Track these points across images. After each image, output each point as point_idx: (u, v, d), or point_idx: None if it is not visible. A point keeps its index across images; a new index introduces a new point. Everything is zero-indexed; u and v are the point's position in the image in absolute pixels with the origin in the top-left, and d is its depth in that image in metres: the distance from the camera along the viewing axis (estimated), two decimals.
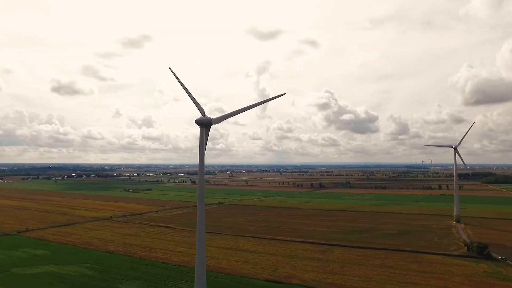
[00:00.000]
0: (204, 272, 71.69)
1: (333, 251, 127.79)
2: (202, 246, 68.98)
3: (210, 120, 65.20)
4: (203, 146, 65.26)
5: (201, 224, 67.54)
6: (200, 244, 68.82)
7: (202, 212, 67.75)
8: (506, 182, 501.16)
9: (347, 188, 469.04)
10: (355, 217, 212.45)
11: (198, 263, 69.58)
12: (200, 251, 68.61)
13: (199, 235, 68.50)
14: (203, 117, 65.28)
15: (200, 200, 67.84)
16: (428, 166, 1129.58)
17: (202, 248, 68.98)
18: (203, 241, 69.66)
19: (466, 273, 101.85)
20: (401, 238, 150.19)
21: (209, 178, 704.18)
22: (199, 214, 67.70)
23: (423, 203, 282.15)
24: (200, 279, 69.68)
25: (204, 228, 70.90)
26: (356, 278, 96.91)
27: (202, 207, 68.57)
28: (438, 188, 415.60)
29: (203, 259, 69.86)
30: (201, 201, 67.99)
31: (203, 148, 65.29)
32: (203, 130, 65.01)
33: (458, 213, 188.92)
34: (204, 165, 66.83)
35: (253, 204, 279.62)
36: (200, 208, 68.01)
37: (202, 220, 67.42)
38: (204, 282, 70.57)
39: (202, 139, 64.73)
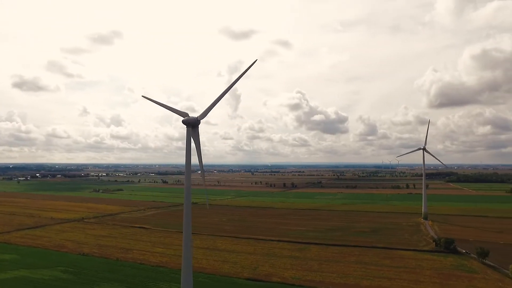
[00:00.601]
0: (191, 273, 71.80)
1: (310, 249, 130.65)
2: (189, 247, 69.09)
3: (196, 119, 65.56)
4: (190, 146, 65.51)
5: (188, 225, 67.76)
6: (186, 245, 68.90)
7: (188, 212, 67.97)
8: (466, 181, 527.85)
9: (319, 187, 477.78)
10: (328, 216, 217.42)
11: (184, 263, 69.63)
12: (186, 252, 68.71)
13: (186, 236, 68.66)
14: (189, 117, 65.45)
15: (187, 201, 68.03)
16: (395, 166, 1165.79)
17: (189, 249, 69.13)
18: (190, 241, 69.83)
19: (435, 267, 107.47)
20: (374, 235, 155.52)
21: (181, 178, 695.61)
22: (186, 214, 67.89)
23: (393, 201, 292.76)
24: (186, 279, 69.72)
25: (191, 228, 71.14)
26: (334, 275, 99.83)
27: (189, 207, 68.77)
28: (405, 187, 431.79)
29: (189, 259, 69.97)
30: (188, 202, 68.18)
31: (190, 148, 65.66)
32: (189, 130, 65.15)
33: (426, 210, 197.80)
34: (190, 165, 67.17)
35: (227, 204, 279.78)
36: (187, 208, 68.19)
37: (188, 221, 67.63)
38: (190, 282, 70.68)
39: (189, 139, 64.92)
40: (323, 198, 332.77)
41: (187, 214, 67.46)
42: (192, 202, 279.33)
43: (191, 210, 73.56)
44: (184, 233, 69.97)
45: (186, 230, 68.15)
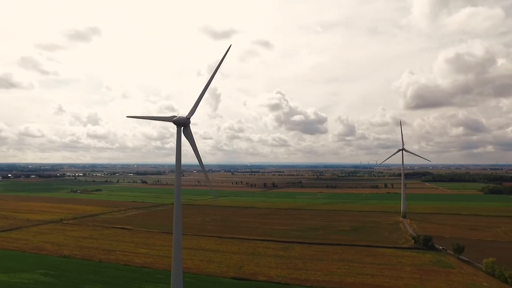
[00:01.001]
0: (181, 273, 71.90)
1: (294, 248, 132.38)
2: (179, 247, 69.26)
3: (186, 118, 65.82)
4: (180, 146, 65.58)
5: (178, 225, 67.84)
6: (176, 245, 68.97)
7: (178, 213, 68.04)
8: (441, 181, 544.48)
9: (299, 187, 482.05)
10: (310, 215, 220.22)
11: (174, 264, 69.68)
12: (176, 252, 68.77)
13: (176, 236, 68.69)
14: (179, 117, 65.57)
15: (177, 201, 68.10)
16: (373, 166, 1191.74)
17: (179, 249, 69.30)
18: (180, 241, 69.99)
19: (415, 263, 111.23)
20: (355, 234, 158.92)
21: (161, 178, 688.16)
22: (176, 215, 67.95)
23: (372, 201, 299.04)
24: (176, 280, 69.77)
25: (181, 229, 71.21)
26: (319, 273, 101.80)
27: (179, 208, 68.83)
28: (384, 187, 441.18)
29: (179, 260, 70.03)
30: (178, 202, 68.25)
31: (180, 148, 65.67)
32: (180, 130, 65.25)
33: (405, 209, 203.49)
34: (180, 165, 67.18)
35: (208, 204, 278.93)
36: (177, 208, 68.24)
37: (178, 221, 67.71)
38: (180, 282, 70.78)
39: (179, 139, 65.02)
40: (304, 197, 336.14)
41: (177, 215, 67.55)
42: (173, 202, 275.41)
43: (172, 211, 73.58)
44: (174, 233, 70.05)
45: (176, 230, 68.24)
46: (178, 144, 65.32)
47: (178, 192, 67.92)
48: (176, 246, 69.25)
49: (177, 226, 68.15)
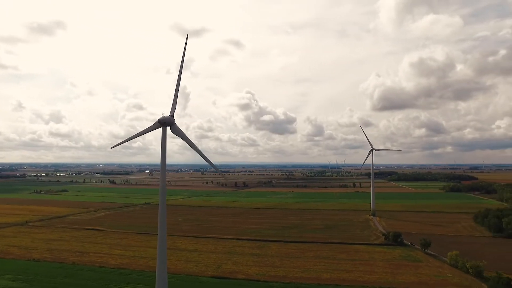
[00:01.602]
0: (165, 273, 71.94)
1: (270, 246, 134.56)
2: (164, 248, 69.39)
3: (171, 117, 66.15)
4: (165, 146, 65.72)
5: (163, 225, 67.92)
6: (161, 246, 68.98)
7: (163, 213, 68.13)
8: (406, 180, 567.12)
9: (270, 187, 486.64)
10: (283, 214, 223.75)
11: (159, 264, 69.67)
12: (161, 253, 68.79)
13: (161, 237, 68.68)
14: (165, 116, 65.73)
15: (162, 201, 68.18)
16: (341, 166, 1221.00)
17: (164, 250, 69.42)
18: (165, 241, 70.14)
19: (386, 258, 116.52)
20: (328, 232, 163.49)
21: (129, 177, 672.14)
22: (161, 214, 67.97)
23: (342, 200, 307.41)
24: (161, 280, 69.78)
25: (166, 229, 71.29)
26: (296, 270, 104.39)
27: (164, 207, 68.91)
28: (352, 186, 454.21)
29: (164, 260, 70.12)
30: (163, 202, 68.36)
31: (165, 148, 65.81)
32: (165, 130, 65.47)
33: (374, 207, 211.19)
34: (165, 165, 67.41)
35: (180, 204, 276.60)
36: (162, 209, 68.31)
37: (163, 221, 67.81)
38: (165, 283, 70.91)
39: (164, 139, 65.21)
40: (275, 197, 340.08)
41: (162, 215, 67.69)
42: (145, 203, 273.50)
43: (144, 211, 73.57)
44: (159, 233, 70.17)
45: (161, 231, 68.35)
46: (163, 144, 65.43)
47: (163, 192, 68.18)
48: (161, 247, 69.41)
49: (162, 227, 68.40)
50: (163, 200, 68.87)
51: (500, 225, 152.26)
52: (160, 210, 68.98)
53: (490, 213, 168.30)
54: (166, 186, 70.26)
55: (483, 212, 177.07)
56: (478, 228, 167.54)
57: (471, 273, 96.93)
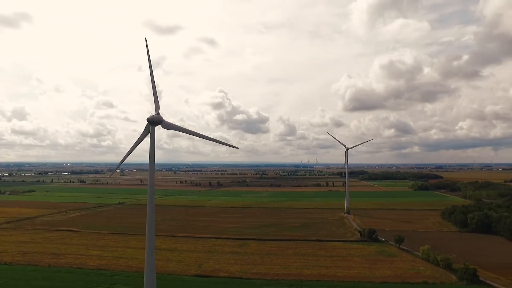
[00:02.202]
0: (154, 274, 71.97)
1: (249, 245, 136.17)
2: (152, 248, 69.34)
3: (160, 121, 66.38)
4: (154, 145, 65.85)
5: (151, 224, 67.97)
6: (149, 246, 68.96)
7: (152, 211, 68.20)
8: (376, 179, 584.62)
9: (244, 186, 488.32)
10: (259, 213, 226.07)
11: (147, 265, 69.69)
12: (149, 253, 68.78)
13: (149, 237, 68.62)
14: (154, 115, 65.86)
15: (150, 201, 68.27)
16: (313, 165, 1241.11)
17: (151, 250, 69.36)
18: (153, 242, 70.10)
19: (363, 254, 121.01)
20: (305, 229, 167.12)
21: (99, 177, 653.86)
22: (149, 214, 68.02)
23: (316, 198, 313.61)
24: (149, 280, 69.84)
25: (154, 230, 71.19)
26: (277, 267, 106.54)
27: (152, 207, 68.99)
28: (325, 185, 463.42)
29: (152, 261, 70.09)
30: (151, 202, 68.49)
31: (154, 147, 65.91)
32: (153, 129, 65.57)
33: (348, 206, 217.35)
34: (154, 165, 67.62)
35: (156, 204, 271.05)
36: (150, 209, 68.39)
37: (152, 220, 67.91)
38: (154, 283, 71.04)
39: (153, 138, 65.32)
40: (250, 196, 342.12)
41: (151, 215, 67.85)
42: (119, 202, 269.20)
43: (119, 211, 73.65)
44: (147, 233, 70.02)
45: (150, 231, 68.39)
46: (152, 143, 65.59)
47: (151, 191, 68.29)
48: (149, 247, 69.40)
49: (151, 227, 68.45)
50: (151, 200, 69.13)
51: (465, 221, 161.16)
52: (149, 211, 69.08)
53: (456, 209, 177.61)
54: (154, 186, 70.39)
55: (450, 209, 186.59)
56: (445, 223, 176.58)
57: (442, 266, 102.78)
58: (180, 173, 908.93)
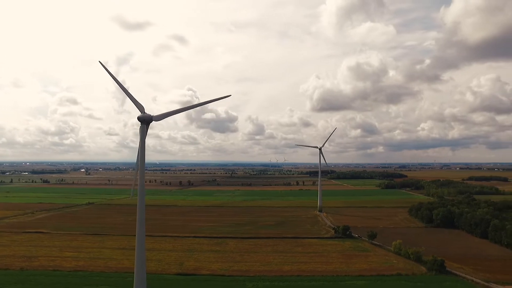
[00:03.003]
0: (144, 275, 72.01)
1: (228, 243, 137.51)
2: (142, 248, 69.48)
3: (151, 117, 66.66)
4: (144, 144, 65.99)
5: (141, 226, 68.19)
6: (140, 246, 69.04)
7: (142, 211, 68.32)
8: (344, 178, 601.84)
9: (215, 185, 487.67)
10: (234, 212, 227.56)
11: (137, 265, 69.72)
12: (139, 253, 68.82)
13: (139, 237, 68.75)
14: (144, 114, 66.00)
15: (140, 201, 68.36)
16: (281, 164, 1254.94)
17: (142, 250, 69.48)
18: (143, 242, 70.26)
19: (339, 250, 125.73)
20: (280, 227, 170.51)
21: (63, 176, 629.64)
22: (139, 213, 68.11)
23: (288, 197, 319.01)
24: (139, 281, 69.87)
25: (144, 231, 71.41)
26: (257, 264, 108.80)
27: (143, 207, 69.08)
28: (296, 184, 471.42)
29: (143, 261, 70.19)
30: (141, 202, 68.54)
31: (144, 146, 66.04)
32: (144, 127, 65.74)
33: (321, 204, 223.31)
34: (144, 164, 67.69)
35: (127, 203, 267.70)
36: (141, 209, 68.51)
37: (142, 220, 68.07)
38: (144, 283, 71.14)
39: (143, 136, 65.44)
40: (222, 195, 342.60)
41: (141, 215, 68.10)
42: (88, 203, 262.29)
43: (89, 211, 73.57)
44: (137, 233, 70.23)
45: (140, 231, 68.57)
46: (142, 142, 65.71)
47: (141, 191, 68.37)
48: (139, 246, 69.55)
49: (141, 227, 68.66)
50: (141, 200, 69.14)
51: (431, 217, 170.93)
52: (139, 211, 69.27)
53: (423, 206, 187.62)
54: (144, 186, 70.24)
55: (416, 206, 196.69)
56: (412, 220, 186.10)
57: (412, 258, 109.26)
58: (148, 173, 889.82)
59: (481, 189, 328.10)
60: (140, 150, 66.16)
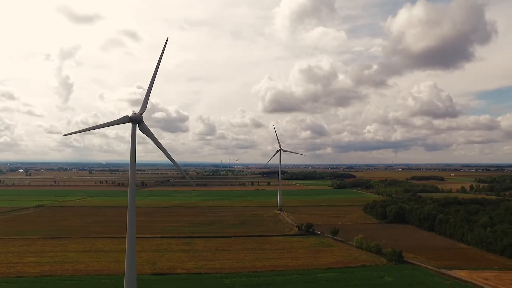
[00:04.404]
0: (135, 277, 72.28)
1: (196, 243, 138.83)
2: (133, 251, 69.82)
3: (140, 115, 67.43)
4: (135, 144, 66.53)
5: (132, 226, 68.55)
6: (130, 247, 69.36)
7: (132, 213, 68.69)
8: (297, 178, 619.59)
9: (170, 186, 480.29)
10: (195, 212, 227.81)
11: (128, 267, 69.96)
12: (130, 254, 69.13)
13: (130, 240, 69.04)
14: (135, 114, 66.60)
15: (131, 202, 68.65)
16: (233, 165, 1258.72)
17: (133, 251, 69.87)
18: (134, 244, 70.68)
19: (305, 246, 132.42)
20: (245, 226, 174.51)
21: (2, 178, 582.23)
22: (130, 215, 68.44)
23: (246, 197, 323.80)
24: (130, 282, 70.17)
25: (135, 232, 71.55)
26: (230, 261, 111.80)
27: (133, 209, 69.40)
28: (251, 185, 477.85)
29: (133, 262, 70.51)
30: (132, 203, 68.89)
31: (135, 146, 66.56)
32: (135, 127, 66.29)
33: (281, 203, 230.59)
34: (135, 165, 68.13)
35: (81, 205, 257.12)
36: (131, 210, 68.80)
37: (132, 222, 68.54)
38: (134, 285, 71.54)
39: (134, 136, 65.95)
40: (180, 196, 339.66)
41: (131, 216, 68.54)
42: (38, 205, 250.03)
43: (42, 214, 73.83)
44: (128, 235, 70.46)
45: (130, 233, 68.94)
46: (133, 142, 66.24)
47: (132, 191, 68.81)
48: (130, 248, 69.91)
49: (131, 228, 69.11)
50: (132, 201, 69.50)
51: (385, 213, 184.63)
52: (129, 212, 69.53)
53: (377, 204, 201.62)
54: (135, 186, 70.61)
55: (371, 203, 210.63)
56: (367, 217, 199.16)
57: (373, 251, 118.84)
58: (96, 173, 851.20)
59: (423, 187, 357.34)
60: (131, 150, 66.52)
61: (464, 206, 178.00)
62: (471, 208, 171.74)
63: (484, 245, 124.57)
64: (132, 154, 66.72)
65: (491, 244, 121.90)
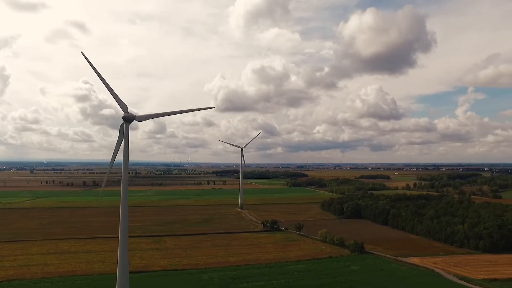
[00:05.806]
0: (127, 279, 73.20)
1: (165, 241, 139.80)
2: (125, 250, 70.95)
3: (134, 117, 68.91)
4: (128, 143, 67.82)
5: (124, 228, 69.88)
6: (122, 248, 70.39)
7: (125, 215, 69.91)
8: (251, 177, 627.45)
9: None
10: (157, 211, 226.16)
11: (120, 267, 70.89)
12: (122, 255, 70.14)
13: (122, 241, 70.10)
14: (129, 113, 67.88)
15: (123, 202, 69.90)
16: (184, 164, 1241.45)
17: (125, 252, 70.92)
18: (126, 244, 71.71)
19: (272, 241, 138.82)
20: (209, 224, 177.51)
21: None
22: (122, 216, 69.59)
23: (204, 196, 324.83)
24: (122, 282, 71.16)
25: (127, 233, 72.60)
26: (204, 257, 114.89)
27: (126, 210, 70.64)
28: (207, 184, 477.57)
29: (125, 266, 71.50)
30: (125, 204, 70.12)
31: (128, 145, 67.85)
32: (127, 126, 67.59)
33: (242, 202, 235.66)
34: (128, 164, 69.48)
35: (32, 207, 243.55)
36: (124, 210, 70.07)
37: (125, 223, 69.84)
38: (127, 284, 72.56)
39: (127, 135, 67.27)
40: (135, 195, 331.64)
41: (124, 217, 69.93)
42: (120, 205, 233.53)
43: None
44: (120, 235, 71.49)
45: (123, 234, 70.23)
46: (126, 141, 67.51)
47: (124, 191, 70.22)
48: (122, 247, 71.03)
49: (124, 229, 70.45)
50: (124, 201, 70.86)
51: (342, 209, 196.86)
52: (122, 212, 70.91)
53: (334, 201, 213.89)
54: (127, 186, 72.23)
55: (328, 200, 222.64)
56: (326, 213, 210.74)
57: (337, 244, 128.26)
58: (38, 173, 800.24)
59: (373, 185, 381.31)
60: (124, 149, 67.84)
61: (412, 202, 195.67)
62: (419, 203, 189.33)
63: (432, 234, 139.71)
64: (125, 153, 68.09)
65: (437, 234, 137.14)
